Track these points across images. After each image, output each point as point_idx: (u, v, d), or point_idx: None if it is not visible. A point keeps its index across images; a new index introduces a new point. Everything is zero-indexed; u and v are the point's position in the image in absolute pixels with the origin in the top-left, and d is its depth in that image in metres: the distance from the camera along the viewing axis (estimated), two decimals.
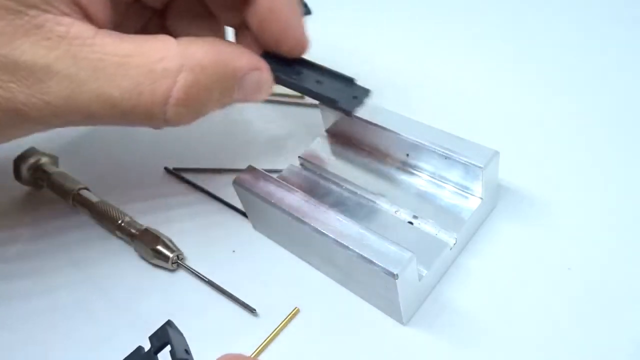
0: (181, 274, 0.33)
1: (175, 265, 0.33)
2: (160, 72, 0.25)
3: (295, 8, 0.29)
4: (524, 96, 0.39)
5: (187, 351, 0.22)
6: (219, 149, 0.40)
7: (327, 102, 0.31)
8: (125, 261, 0.34)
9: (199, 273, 0.32)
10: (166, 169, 0.39)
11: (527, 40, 0.43)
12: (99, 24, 0.25)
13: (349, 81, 0.31)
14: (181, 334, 0.23)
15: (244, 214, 0.35)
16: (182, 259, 0.33)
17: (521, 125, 0.37)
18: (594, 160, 0.34)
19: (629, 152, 0.34)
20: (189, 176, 0.39)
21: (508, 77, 0.40)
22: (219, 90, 0.27)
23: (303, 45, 0.30)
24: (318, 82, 0.31)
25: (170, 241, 0.33)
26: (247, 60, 0.28)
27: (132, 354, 0.23)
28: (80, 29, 0.24)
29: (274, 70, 0.30)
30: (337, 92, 0.31)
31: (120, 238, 0.35)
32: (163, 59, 0.25)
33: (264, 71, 0.29)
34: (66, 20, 0.24)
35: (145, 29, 0.32)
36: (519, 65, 0.41)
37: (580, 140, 0.35)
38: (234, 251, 0.34)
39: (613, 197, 0.32)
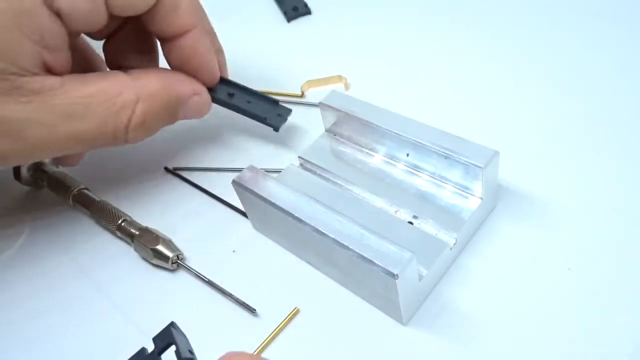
0: (181, 274, 0.33)
1: (175, 265, 0.33)
2: (120, 105, 0.31)
3: (210, 48, 0.35)
4: (524, 96, 0.39)
5: (191, 352, 0.22)
6: (219, 149, 0.40)
7: (257, 119, 0.37)
8: (125, 261, 0.34)
9: (199, 273, 0.32)
10: (166, 168, 0.39)
11: (528, 40, 0.43)
12: (61, 72, 0.30)
13: (274, 102, 0.38)
14: (184, 335, 0.23)
15: (244, 214, 0.35)
16: (182, 259, 0.33)
17: (521, 125, 0.37)
18: (594, 160, 0.34)
19: (629, 152, 0.34)
20: (189, 176, 0.39)
21: (508, 77, 0.40)
22: (167, 113, 0.33)
23: (216, 77, 0.36)
24: (249, 102, 0.38)
25: (170, 241, 0.33)
26: (189, 86, 0.34)
27: (135, 355, 0.23)
28: (50, 82, 0.29)
29: (211, 93, 0.36)
30: (265, 111, 0.38)
31: (120, 238, 0.35)
32: (121, 94, 0.31)
33: (203, 95, 0.35)
34: (38, 78, 0.28)
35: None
36: (519, 65, 0.41)
37: (580, 140, 0.35)
38: (234, 251, 0.34)
39: (613, 197, 0.32)
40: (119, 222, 0.34)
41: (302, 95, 0.42)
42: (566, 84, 0.39)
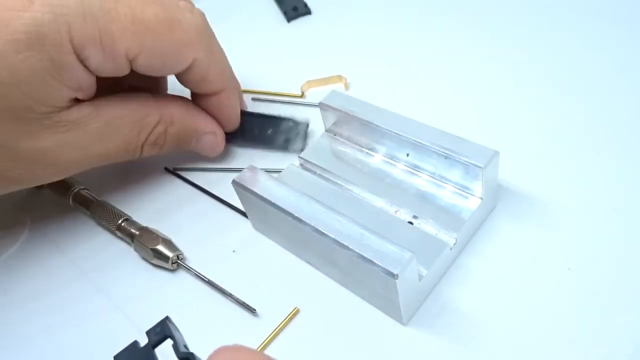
0: (181, 274, 0.33)
1: (175, 265, 0.33)
2: (144, 126, 0.34)
3: (236, 106, 0.37)
4: (524, 96, 0.39)
5: (186, 347, 0.22)
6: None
7: (281, 148, 0.38)
8: (125, 261, 0.34)
9: (198, 273, 0.32)
10: (166, 168, 0.39)
11: (528, 40, 0.43)
12: (89, 97, 0.32)
13: (292, 121, 0.38)
14: (179, 331, 0.23)
15: (244, 214, 0.35)
16: (182, 258, 0.33)
17: (521, 125, 0.37)
18: (594, 160, 0.34)
19: (629, 152, 0.34)
20: (189, 176, 0.39)
21: (508, 77, 0.40)
22: (181, 140, 0.36)
23: (234, 126, 0.38)
24: (266, 130, 0.38)
25: (170, 241, 0.33)
26: (206, 124, 0.36)
27: (127, 348, 0.22)
28: (85, 110, 0.31)
29: (227, 135, 0.38)
30: (286, 132, 0.38)
31: (120, 238, 0.35)
32: (147, 116, 0.34)
33: (218, 136, 0.37)
34: (73, 109, 0.31)
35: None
36: (519, 65, 0.41)
37: (580, 140, 0.35)
38: (234, 251, 0.34)
39: (613, 197, 0.32)
40: (119, 222, 0.34)
41: (302, 95, 0.42)
42: (566, 84, 0.39)
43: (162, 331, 0.22)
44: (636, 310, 0.27)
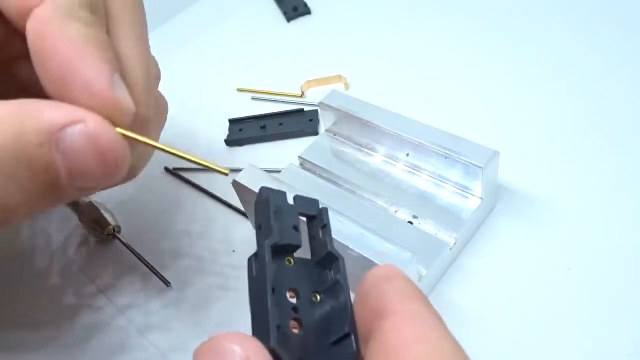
0: (182, 272, 0.33)
1: (111, 237, 0.34)
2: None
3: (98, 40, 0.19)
4: (524, 96, 0.39)
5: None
6: (219, 149, 0.40)
7: (295, 135, 0.39)
8: (124, 264, 0.34)
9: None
10: (166, 168, 0.39)
11: (528, 40, 0.43)
12: None
13: (301, 112, 0.40)
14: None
15: (244, 214, 0.35)
16: (118, 232, 0.34)
17: (521, 125, 0.37)
18: (594, 160, 0.34)
19: (628, 152, 0.34)
20: (189, 176, 0.39)
21: (508, 77, 0.40)
22: (17, 171, 0.17)
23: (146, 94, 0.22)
24: (280, 124, 0.40)
25: (112, 214, 0.35)
26: (57, 110, 0.18)
27: (278, 192, 0.18)
28: None
29: (244, 134, 0.39)
30: (298, 124, 0.39)
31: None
32: None
33: (92, 123, 0.18)
34: None
35: None
36: (519, 66, 0.41)
37: (580, 141, 0.35)
38: (234, 251, 0.34)
39: (613, 197, 0.32)
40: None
41: (302, 95, 0.42)
42: (566, 84, 0.39)
43: (314, 209, 0.19)
44: (636, 310, 0.27)
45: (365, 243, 0.26)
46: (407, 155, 0.32)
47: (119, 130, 0.18)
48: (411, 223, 0.31)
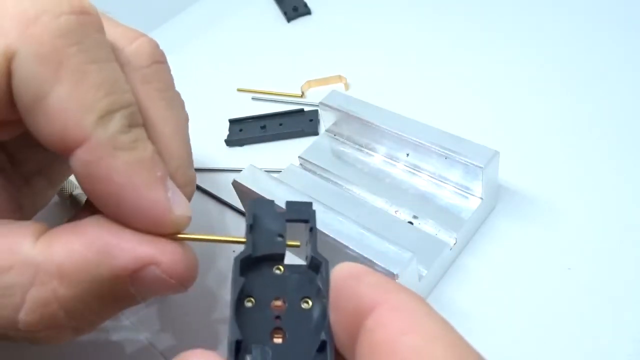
0: None
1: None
2: (4, 289, 0.18)
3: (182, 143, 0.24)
4: (524, 96, 0.39)
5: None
6: (219, 149, 0.40)
7: (295, 135, 0.39)
8: None
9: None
10: None
11: (528, 40, 0.43)
12: None
13: (301, 112, 0.40)
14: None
15: (244, 214, 0.35)
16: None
17: (521, 125, 0.37)
18: (594, 160, 0.34)
19: (629, 152, 0.34)
20: None
21: (508, 77, 0.40)
22: (96, 302, 0.19)
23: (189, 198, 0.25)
24: (280, 124, 0.40)
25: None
26: (130, 253, 0.19)
27: (265, 201, 0.18)
28: None
29: (245, 134, 0.39)
30: (298, 124, 0.39)
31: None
32: (11, 269, 0.18)
33: (169, 260, 0.19)
34: None
35: None
36: (520, 66, 0.41)
37: (580, 140, 0.35)
38: (234, 251, 0.34)
39: (613, 197, 0.32)
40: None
41: (302, 95, 0.42)
42: (566, 84, 0.39)
43: (306, 213, 0.18)
44: (636, 310, 0.27)
45: (365, 243, 0.26)
46: (407, 155, 0.32)
47: (179, 236, 0.20)
48: (411, 223, 0.31)
